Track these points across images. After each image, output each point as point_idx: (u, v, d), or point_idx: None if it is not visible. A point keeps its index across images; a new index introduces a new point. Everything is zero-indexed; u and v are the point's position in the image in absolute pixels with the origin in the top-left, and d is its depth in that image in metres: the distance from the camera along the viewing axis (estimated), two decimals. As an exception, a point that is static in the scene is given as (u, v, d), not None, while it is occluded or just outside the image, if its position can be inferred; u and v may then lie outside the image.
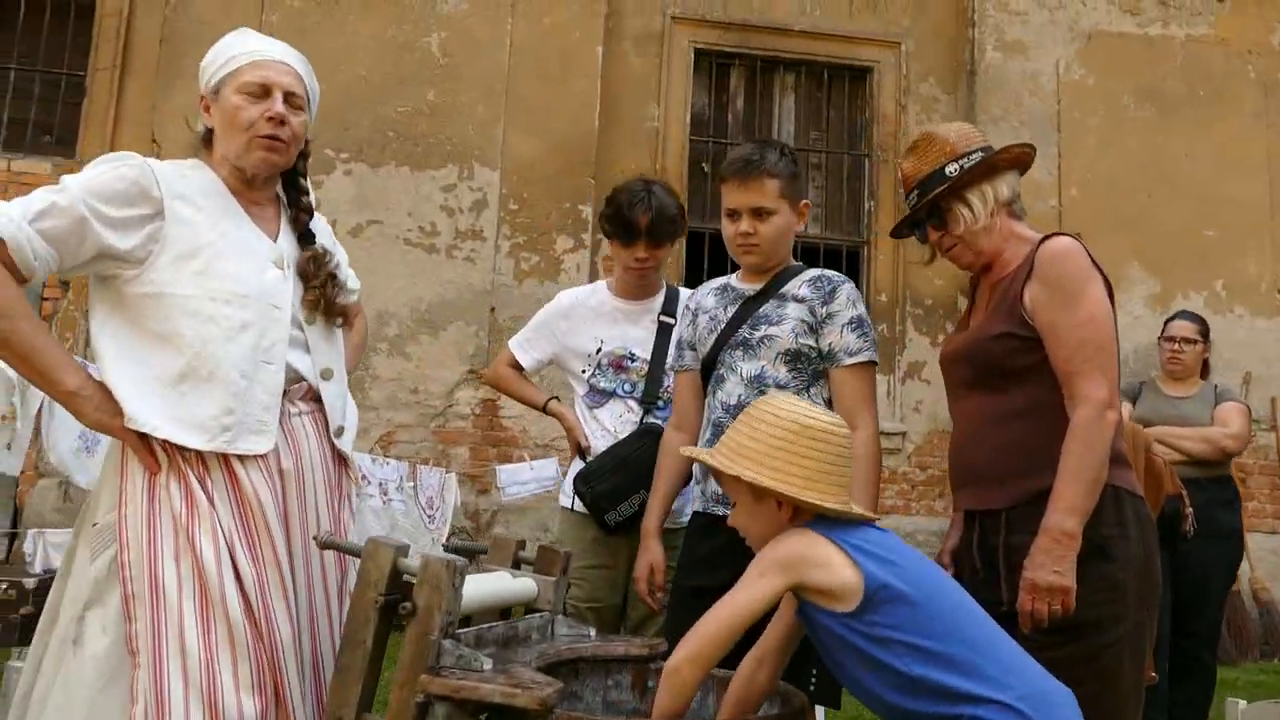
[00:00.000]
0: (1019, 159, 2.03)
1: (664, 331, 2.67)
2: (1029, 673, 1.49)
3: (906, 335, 6.93)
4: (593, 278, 6.59)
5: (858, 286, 2.39)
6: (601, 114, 6.70)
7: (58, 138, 6.52)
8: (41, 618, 1.72)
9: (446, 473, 5.50)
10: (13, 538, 6.10)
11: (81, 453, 3.84)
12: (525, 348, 2.85)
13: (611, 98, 6.80)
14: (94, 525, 1.69)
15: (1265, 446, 6.70)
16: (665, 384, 2.63)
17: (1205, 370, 4.04)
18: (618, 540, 2.56)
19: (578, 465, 2.67)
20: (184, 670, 1.60)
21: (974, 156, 1.97)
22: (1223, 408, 3.83)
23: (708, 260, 6.85)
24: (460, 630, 1.56)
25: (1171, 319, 4.10)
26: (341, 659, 1.54)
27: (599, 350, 2.69)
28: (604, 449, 2.60)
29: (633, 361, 2.67)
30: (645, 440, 2.54)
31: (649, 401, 2.63)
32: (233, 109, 1.85)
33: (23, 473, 5.16)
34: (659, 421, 2.60)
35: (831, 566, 1.50)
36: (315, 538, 1.73)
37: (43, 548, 5.24)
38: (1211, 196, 6.99)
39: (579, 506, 2.61)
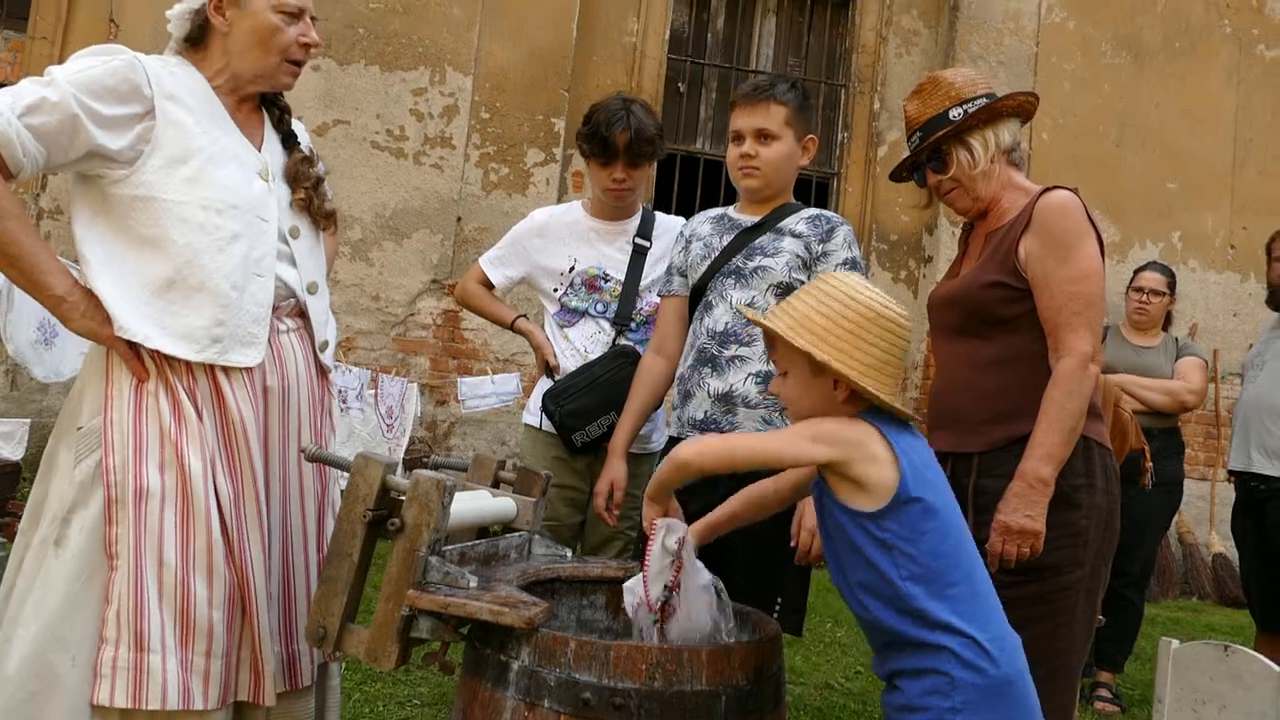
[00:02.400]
0: (1022, 107, 2.04)
1: (638, 253, 2.65)
2: (999, 615, 1.53)
3: (870, 270, 6.99)
4: (562, 193, 6.52)
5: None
6: (579, 25, 6.54)
7: (9, 9, 6.20)
8: (23, 518, 1.71)
9: (409, 382, 5.48)
10: (-43, 425, 5.99)
11: (39, 345, 3.76)
12: (496, 264, 2.78)
13: (590, 9, 6.63)
14: (79, 429, 1.67)
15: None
16: (638, 306, 2.63)
17: (1168, 321, 4.15)
18: (580, 461, 2.57)
19: (544, 384, 2.65)
20: (159, 580, 1.61)
21: (978, 101, 1.98)
22: (1184, 362, 3.94)
23: (678, 182, 6.80)
24: (445, 547, 1.59)
25: (1142, 269, 4.18)
26: (328, 570, 1.56)
27: (572, 269, 2.65)
28: (574, 368, 2.58)
29: (606, 282, 2.64)
30: (619, 362, 2.54)
31: (622, 322, 2.62)
32: (269, 28, 1.78)
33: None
34: (632, 344, 2.60)
35: (879, 463, 1.48)
36: (303, 449, 1.73)
37: (-9, 437, 5.16)
38: (1177, 149, 7.08)
39: (544, 425, 2.60)
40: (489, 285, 2.80)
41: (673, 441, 2.33)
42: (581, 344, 2.62)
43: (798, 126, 2.29)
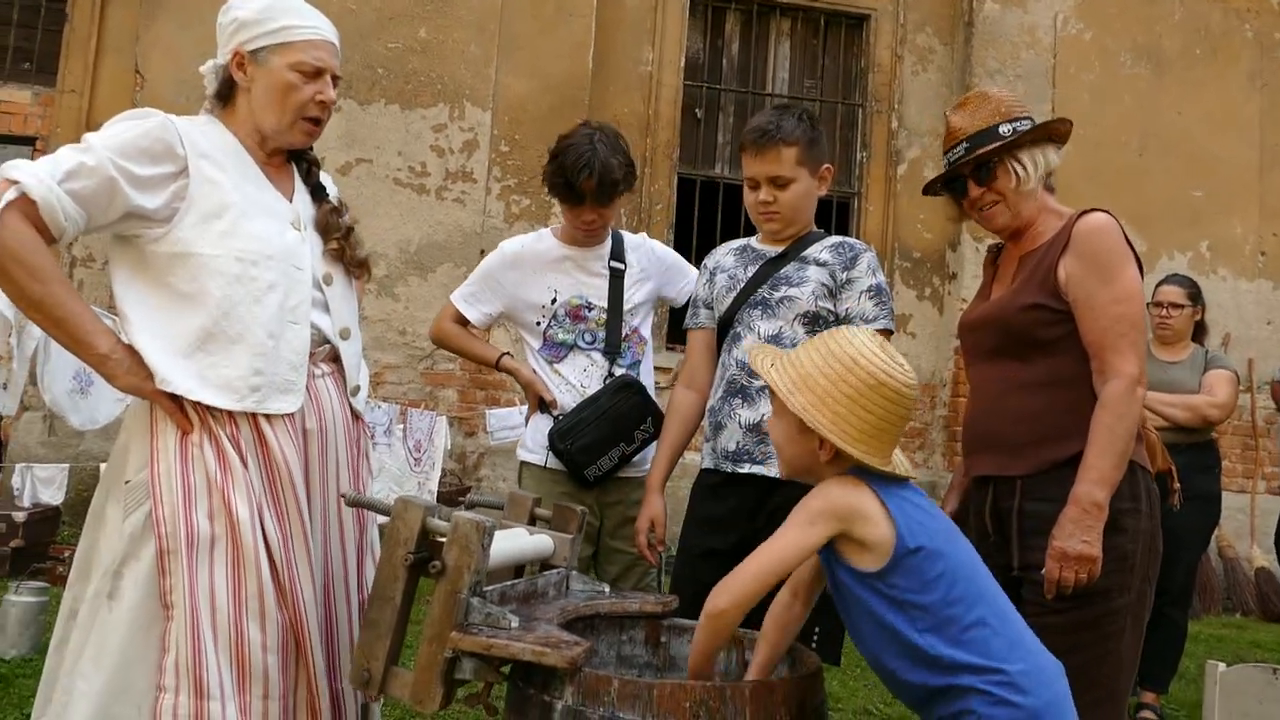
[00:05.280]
0: (1062, 133, 2.04)
1: (616, 277, 2.61)
2: (1030, 645, 1.51)
3: (894, 288, 6.97)
4: (583, 223, 6.57)
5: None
6: (595, 56, 6.60)
7: (38, 65, 6.35)
8: (72, 570, 1.74)
9: (437, 416, 5.51)
10: (-4, 471, 6.09)
11: (75, 394, 3.84)
12: (472, 301, 2.67)
13: (605, 40, 6.69)
14: (126, 483, 1.70)
15: (1239, 407, 6.84)
16: (623, 332, 2.60)
17: (1200, 332, 4.07)
18: (587, 496, 2.52)
19: (539, 421, 2.59)
20: (214, 626, 1.63)
21: (1025, 122, 1.99)
22: (1210, 375, 3.87)
23: (698, 206, 6.83)
24: (485, 588, 1.59)
25: (1161, 283, 4.12)
26: (370, 614, 1.57)
27: (554, 300, 2.59)
28: (573, 403, 2.54)
29: (590, 310, 2.59)
30: (623, 394, 2.52)
31: (613, 352, 2.58)
32: (285, 85, 1.81)
33: (8, 408, 5.13)
34: (630, 373, 2.58)
35: (873, 522, 1.49)
36: (342, 495, 1.76)
37: (31, 482, 5.25)
38: (1202, 156, 7.02)
39: (546, 462, 2.55)
40: (464, 323, 2.71)
41: (706, 473, 2.34)
42: (576, 379, 2.57)
43: (811, 162, 2.27)
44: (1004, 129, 1.97)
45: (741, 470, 2.23)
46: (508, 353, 2.75)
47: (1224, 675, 1.90)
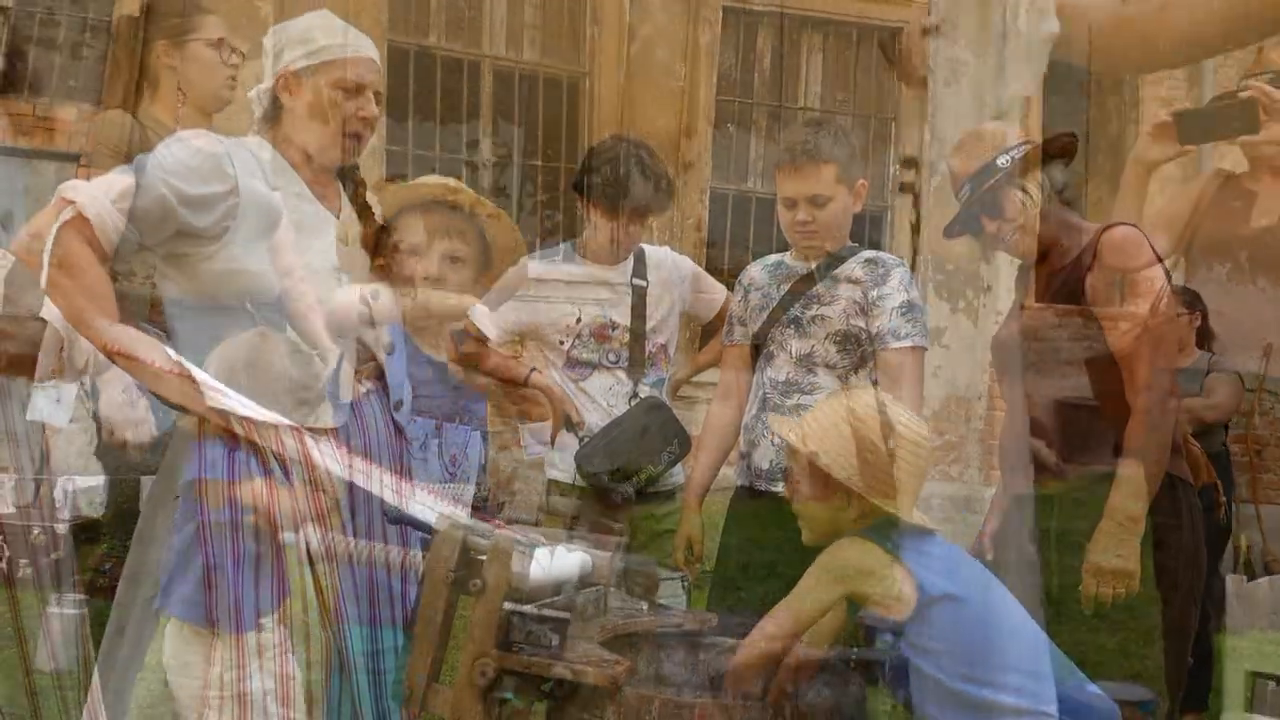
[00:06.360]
0: (1066, 148, 2.06)
1: (638, 296, 2.59)
2: (1071, 684, 1.53)
3: (928, 301, 6.92)
4: (615, 237, 6.59)
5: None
6: (628, 71, 6.64)
7: (83, 83, 6.49)
8: (120, 584, 1.78)
9: (472, 430, 5.54)
10: (38, 482, 6.19)
11: (126, 407, 3.89)
12: (491, 319, 2.59)
13: (638, 54, 6.73)
14: (175, 498, 1.74)
15: (1281, 419, 6.72)
16: (647, 350, 2.59)
17: (1204, 339, 4.03)
18: (615, 511, 2.48)
19: (566, 439, 2.58)
20: (259, 643, 1.66)
21: (1022, 148, 2.01)
22: (1210, 378, 3.86)
23: (730, 220, 6.83)
24: (525, 605, 1.60)
25: None
26: (412, 631, 1.59)
27: (578, 320, 2.57)
28: (599, 423, 2.53)
29: (614, 330, 2.57)
30: (652, 415, 2.51)
31: (637, 371, 2.57)
32: (328, 103, 1.86)
33: (53, 421, 5.22)
34: (657, 393, 2.58)
35: (886, 577, 1.54)
36: (384, 511, 1.78)
37: (73, 494, 5.32)
38: (1240, 165, 6.92)
39: (575, 480, 2.55)
40: (482, 340, 2.61)
41: (741, 490, 2.34)
42: (602, 398, 2.56)
43: (848, 179, 2.27)
44: (1001, 161, 2.01)
45: (775, 488, 2.23)
46: (535, 368, 2.69)
47: (1274, 693, 1.87)
